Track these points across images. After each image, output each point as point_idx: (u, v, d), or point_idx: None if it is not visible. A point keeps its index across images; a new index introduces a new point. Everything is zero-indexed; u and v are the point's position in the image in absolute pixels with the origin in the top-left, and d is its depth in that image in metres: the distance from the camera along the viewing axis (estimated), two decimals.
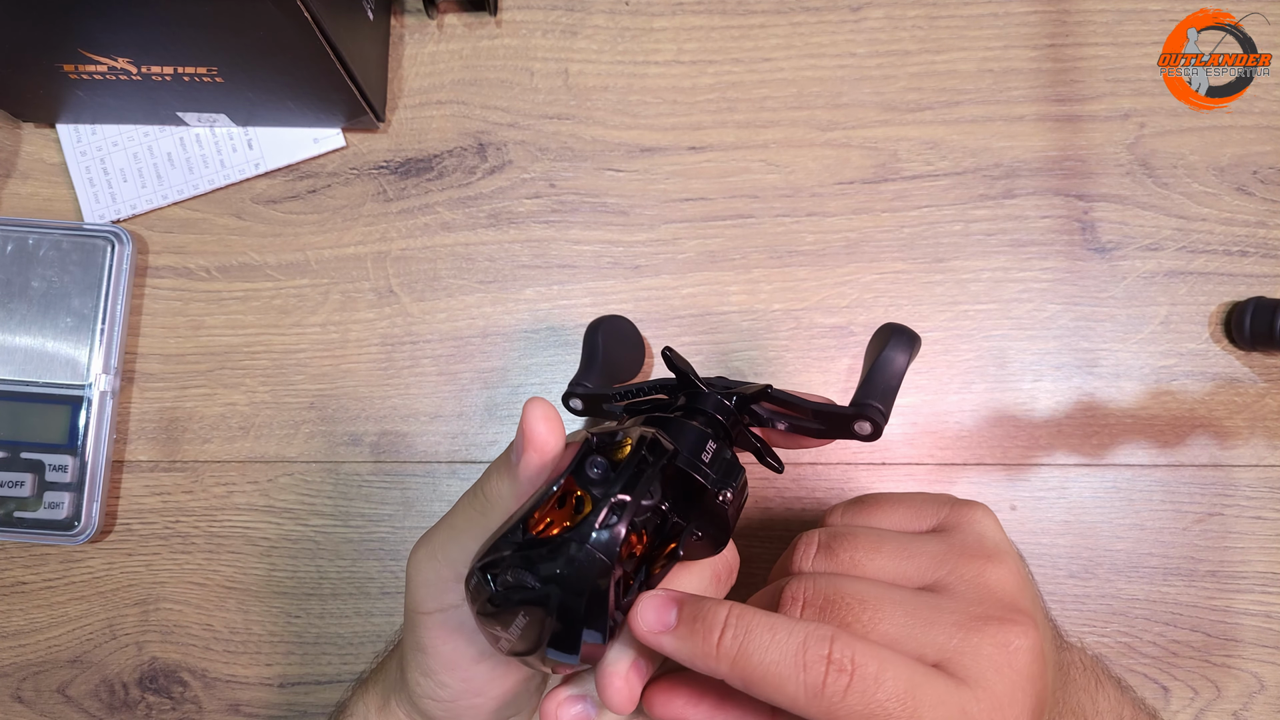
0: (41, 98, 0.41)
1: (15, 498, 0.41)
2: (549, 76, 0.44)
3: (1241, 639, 0.41)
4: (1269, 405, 0.42)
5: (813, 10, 0.43)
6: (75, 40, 0.36)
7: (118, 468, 0.43)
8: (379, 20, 0.42)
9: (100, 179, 0.43)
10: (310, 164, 0.43)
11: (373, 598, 0.43)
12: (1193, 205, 0.43)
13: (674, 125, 0.43)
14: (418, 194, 0.43)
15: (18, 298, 0.41)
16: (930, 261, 0.43)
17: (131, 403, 0.43)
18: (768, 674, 0.24)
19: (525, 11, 0.44)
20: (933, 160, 0.43)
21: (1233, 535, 0.42)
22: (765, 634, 0.24)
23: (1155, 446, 0.42)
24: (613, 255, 0.43)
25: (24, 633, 0.43)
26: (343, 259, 0.43)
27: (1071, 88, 0.43)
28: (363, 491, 0.43)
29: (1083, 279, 0.43)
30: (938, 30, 0.43)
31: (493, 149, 0.43)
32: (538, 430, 0.26)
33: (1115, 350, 0.42)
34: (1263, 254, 0.42)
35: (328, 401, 0.43)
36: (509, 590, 0.23)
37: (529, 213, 0.43)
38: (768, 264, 0.43)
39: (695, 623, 0.25)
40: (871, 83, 0.43)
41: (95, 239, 0.42)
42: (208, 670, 0.42)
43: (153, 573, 0.43)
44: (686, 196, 0.43)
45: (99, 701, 0.42)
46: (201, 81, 0.39)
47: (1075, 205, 0.43)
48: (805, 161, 0.43)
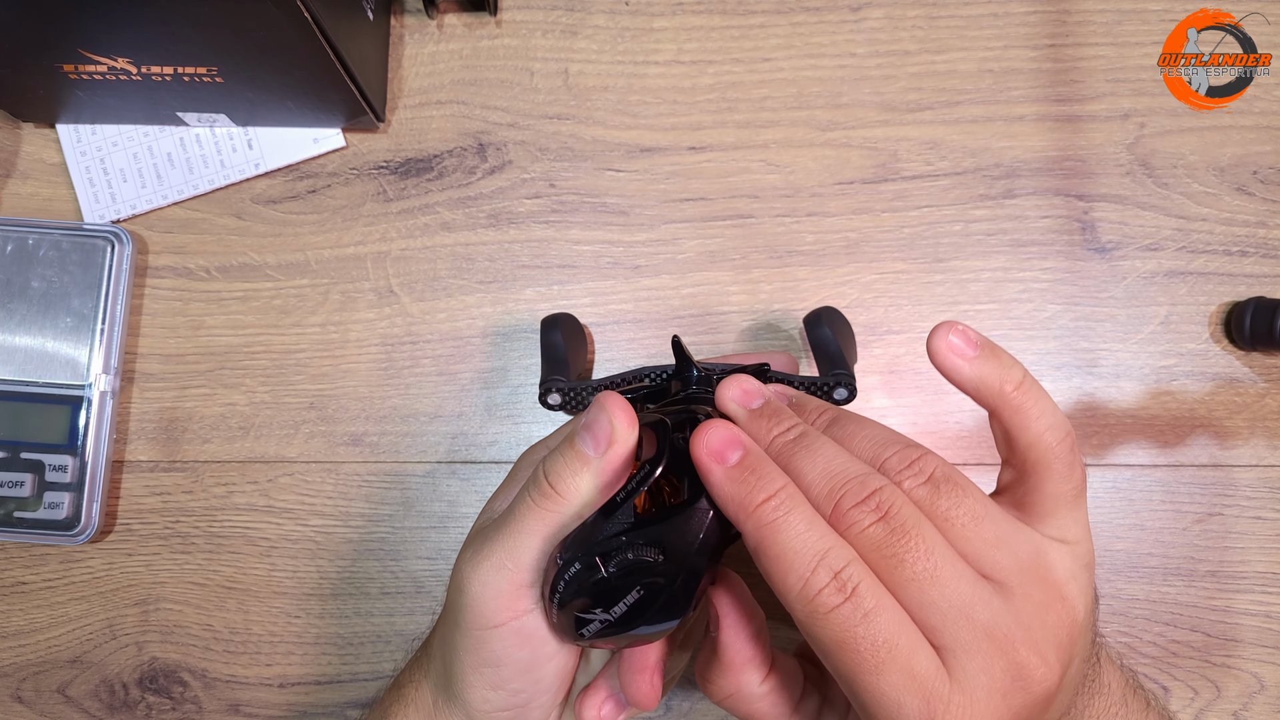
0: (41, 98, 0.41)
1: (15, 498, 0.41)
2: (549, 76, 0.44)
3: (1241, 639, 0.41)
4: (1269, 405, 0.42)
5: (813, 10, 0.43)
6: (75, 40, 0.36)
7: (118, 468, 0.43)
8: (379, 20, 0.42)
9: (100, 179, 0.43)
10: (310, 164, 0.43)
11: (373, 598, 0.43)
12: (1193, 205, 0.43)
13: (674, 125, 0.43)
14: (418, 194, 0.43)
15: (18, 298, 0.41)
16: (930, 261, 0.43)
17: (131, 403, 0.43)
18: (781, 555, 0.25)
19: (525, 11, 0.44)
20: (933, 160, 0.43)
21: (1233, 535, 0.42)
22: (800, 523, 0.25)
23: (1155, 446, 0.42)
24: (613, 255, 0.43)
25: (24, 633, 0.43)
26: (343, 259, 0.43)
27: (1071, 88, 0.43)
28: (363, 491, 0.43)
29: (1083, 279, 0.43)
30: (938, 30, 0.43)
31: (493, 149, 0.43)
32: (623, 423, 0.28)
33: (1115, 350, 0.42)
34: (1263, 254, 0.42)
35: (328, 401, 0.43)
36: (626, 569, 0.26)
37: (529, 213, 0.43)
38: (768, 264, 0.43)
39: (750, 474, 0.26)
40: (871, 83, 0.43)
41: (95, 239, 0.42)
42: (208, 670, 0.42)
43: (153, 573, 0.43)
44: (686, 196, 0.43)
45: (99, 701, 0.42)
46: (201, 81, 0.39)
47: (1075, 205, 0.43)
48: (805, 161, 0.43)
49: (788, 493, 0.25)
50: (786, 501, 0.25)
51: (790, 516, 0.25)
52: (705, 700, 0.41)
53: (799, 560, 0.24)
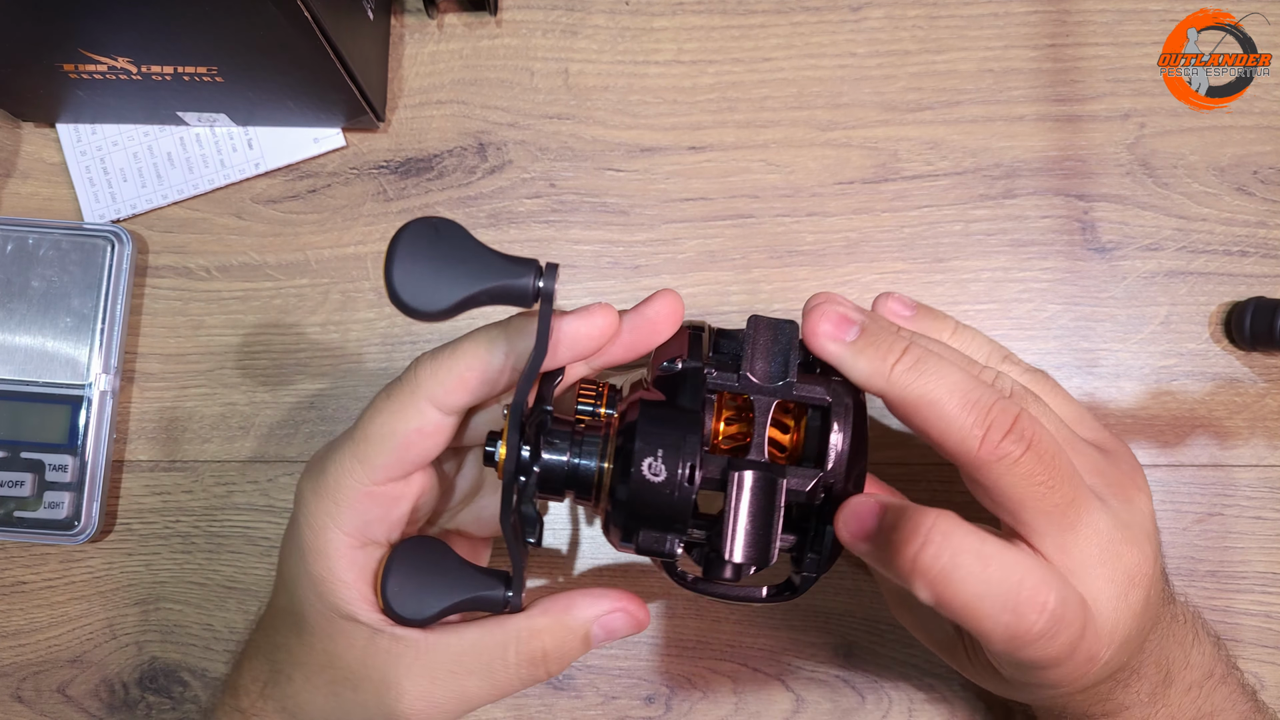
0: (41, 98, 0.41)
1: (15, 497, 0.41)
2: (549, 76, 0.44)
3: (1241, 639, 0.41)
4: (1269, 405, 0.42)
5: (813, 10, 0.43)
6: (75, 40, 0.36)
7: (118, 467, 0.43)
8: (379, 20, 0.42)
9: (100, 179, 0.43)
10: (310, 164, 0.43)
11: None
12: (1193, 205, 0.43)
13: (674, 125, 0.43)
14: (418, 194, 0.43)
15: (18, 298, 0.41)
16: (930, 261, 0.43)
17: (131, 403, 0.43)
18: (945, 406, 0.25)
19: (525, 11, 0.44)
20: (933, 160, 0.43)
21: (1233, 535, 0.42)
22: (955, 371, 0.26)
23: (1155, 446, 0.42)
24: (613, 255, 0.43)
25: (24, 632, 0.43)
26: (343, 259, 0.43)
27: (1071, 88, 0.43)
28: None
29: (1083, 279, 0.43)
30: (938, 30, 0.43)
31: (493, 149, 0.43)
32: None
33: (1115, 350, 0.42)
34: (1263, 254, 0.42)
35: (328, 401, 0.43)
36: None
37: (529, 213, 0.43)
38: (768, 264, 0.43)
39: (877, 338, 0.27)
40: (871, 83, 0.43)
41: (95, 239, 0.42)
42: (208, 670, 0.42)
43: (153, 573, 0.43)
44: (686, 196, 0.43)
45: (99, 701, 0.42)
46: (201, 81, 0.39)
47: (1075, 205, 0.43)
48: (805, 161, 0.43)
49: (924, 346, 0.27)
50: (928, 355, 0.26)
51: (942, 365, 0.26)
52: (705, 700, 0.42)
53: (959, 408, 0.25)
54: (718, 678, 0.42)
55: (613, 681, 0.42)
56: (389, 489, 0.29)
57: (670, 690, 0.42)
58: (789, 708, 0.41)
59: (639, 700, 0.42)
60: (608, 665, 0.42)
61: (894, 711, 0.41)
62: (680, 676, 0.42)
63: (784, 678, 0.42)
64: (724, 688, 0.42)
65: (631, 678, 0.42)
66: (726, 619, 0.42)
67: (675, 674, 0.42)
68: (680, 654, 0.42)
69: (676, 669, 0.42)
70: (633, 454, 0.27)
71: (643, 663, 0.42)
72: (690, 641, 0.42)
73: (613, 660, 0.42)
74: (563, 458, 0.28)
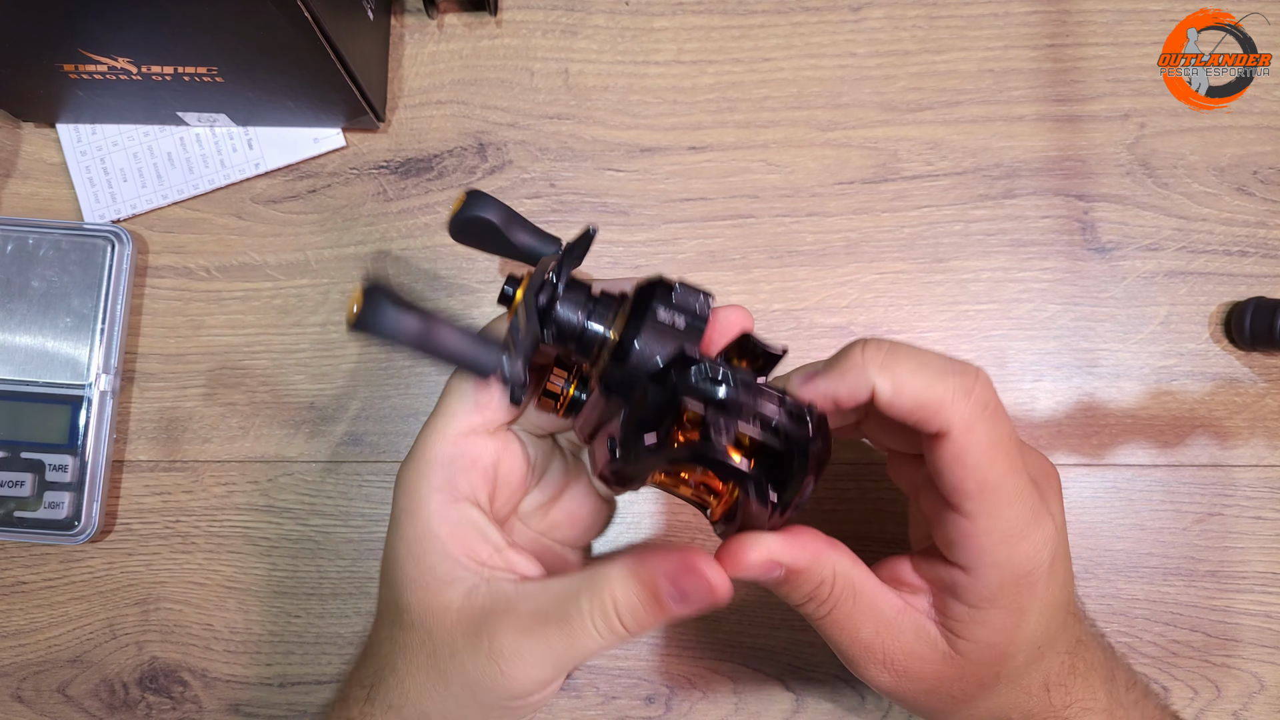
0: (41, 98, 0.41)
1: (15, 497, 0.41)
2: (549, 76, 0.44)
3: (1241, 639, 0.41)
4: (1269, 405, 0.42)
5: (813, 10, 0.43)
6: (75, 40, 0.36)
7: (118, 467, 0.43)
8: (379, 20, 0.42)
9: (100, 179, 0.43)
10: (310, 164, 0.43)
11: (373, 598, 0.43)
12: (1193, 205, 0.43)
13: (674, 125, 0.43)
14: (418, 194, 0.43)
15: (18, 298, 0.41)
16: (930, 261, 0.43)
17: (131, 403, 0.43)
18: (917, 377, 0.27)
19: (525, 11, 0.44)
20: (933, 160, 0.43)
21: (1233, 535, 0.42)
22: (916, 356, 0.28)
23: (1155, 446, 0.42)
24: (613, 255, 0.43)
25: (24, 632, 0.43)
26: (343, 259, 0.43)
27: (1071, 88, 0.43)
28: (363, 491, 0.43)
29: (1083, 279, 0.43)
30: (938, 30, 0.43)
31: (493, 149, 0.43)
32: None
33: (1115, 350, 0.42)
34: (1263, 254, 0.42)
35: (328, 401, 0.43)
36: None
37: (529, 213, 0.43)
38: (768, 264, 0.43)
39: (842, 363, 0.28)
40: (871, 83, 0.43)
41: (95, 239, 0.42)
42: (208, 670, 0.42)
43: (153, 572, 0.43)
44: (686, 196, 0.43)
45: (99, 701, 0.42)
46: (201, 81, 0.39)
47: (1075, 205, 0.43)
48: (805, 161, 0.43)
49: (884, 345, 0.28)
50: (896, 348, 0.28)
51: (902, 356, 0.28)
52: (705, 700, 0.42)
53: (938, 376, 0.27)
54: (718, 678, 0.42)
55: (613, 681, 0.42)
56: (471, 441, 0.31)
57: (670, 690, 0.42)
58: (789, 708, 0.41)
59: (639, 700, 0.42)
60: (608, 665, 0.42)
61: (894, 712, 0.41)
62: (680, 676, 0.42)
63: (784, 678, 0.42)
64: (724, 688, 0.42)
65: (631, 678, 0.42)
66: (726, 619, 0.42)
67: (675, 674, 0.42)
68: (680, 654, 0.42)
69: (676, 669, 0.42)
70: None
71: (643, 663, 0.42)
72: (690, 641, 0.42)
73: (613, 660, 0.42)
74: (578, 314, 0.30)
